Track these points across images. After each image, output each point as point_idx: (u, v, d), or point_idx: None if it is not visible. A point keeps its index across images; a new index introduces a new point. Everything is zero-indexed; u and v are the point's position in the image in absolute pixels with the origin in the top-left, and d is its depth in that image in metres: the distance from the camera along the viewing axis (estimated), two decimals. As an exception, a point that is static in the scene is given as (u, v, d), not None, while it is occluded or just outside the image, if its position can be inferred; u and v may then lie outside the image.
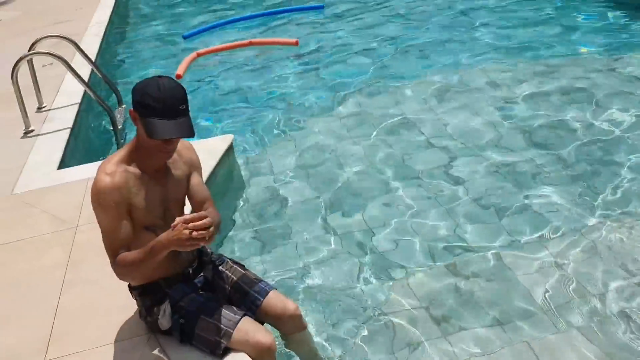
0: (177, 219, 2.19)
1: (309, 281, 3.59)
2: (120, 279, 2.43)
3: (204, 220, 2.18)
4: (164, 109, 2.21)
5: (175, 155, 2.52)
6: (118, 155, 2.40)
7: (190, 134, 2.27)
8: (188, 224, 2.16)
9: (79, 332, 2.78)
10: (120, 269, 2.36)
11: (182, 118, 2.25)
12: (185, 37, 8.29)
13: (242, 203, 4.46)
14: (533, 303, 3.22)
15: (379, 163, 4.77)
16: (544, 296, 3.26)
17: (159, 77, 2.29)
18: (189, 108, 2.30)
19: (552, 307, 3.18)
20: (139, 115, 2.27)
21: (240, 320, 2.48)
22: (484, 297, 3.31)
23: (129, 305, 2.72)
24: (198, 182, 2.70)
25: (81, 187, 4.00)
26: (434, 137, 5.04)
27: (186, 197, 2.65)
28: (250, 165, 4.95)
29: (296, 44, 7.32)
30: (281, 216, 4.26)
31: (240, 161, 4.88)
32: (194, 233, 2.16)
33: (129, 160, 2.38)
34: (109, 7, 9.38)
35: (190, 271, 2.62)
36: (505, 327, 3.10)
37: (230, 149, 4.59)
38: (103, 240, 2.37)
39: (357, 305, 3.36)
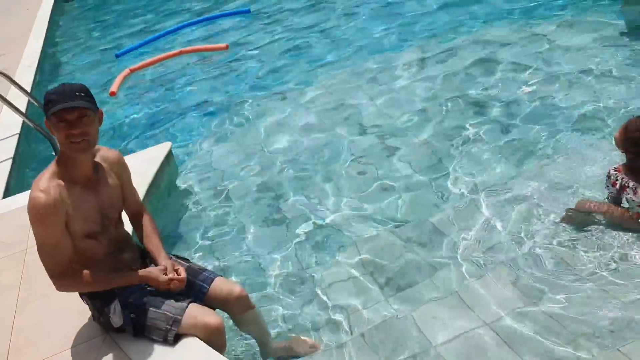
0: (174, 278, 2.64)
1: (258, 265, 3.79)
2: (62, 290, 2.59)
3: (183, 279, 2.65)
4: (61, 96, 2.36)
5: (104, 165, 2.68)
6: (48, 171, 2.53)
7: (85, 104, 2.38)
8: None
9: (36, 344, 2.91)
10: (73, 282, 2.54)
11: (79, 101, 2.37)
12: (118, 56, 8.34)
13: (186, 205, 4.60)
14: (458, 257, 3.49)
15: (315, 152, 4.97)
16: (469, 250, 3.53)
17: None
18: (95, 103, 2.46)
19: (476, 258, 3.45)
20: (47, 117, 2.41)
21: (187, 306, 2.65)
22: (418, 259, 3.56)
23: (83, 312, 2.85)
24: (131, 192, 2.89)
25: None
26: (367, 122, 5.26)
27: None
28: (190, 168, 5.09)
29: (226, 47, 7.48)
30: (225, 212, 4.42)
31: (181, 166, 5.03)
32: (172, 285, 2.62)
33: (59, 173, 2.52)
34: (41, 38, 9.35)
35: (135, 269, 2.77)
36: (436, 281, 3.35)
37: (169, 156, 4.73)
38: (42, 255, 2.49)
39: (305, 281, 3.58)
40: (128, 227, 2.93)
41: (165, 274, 2.65)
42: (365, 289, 3.42)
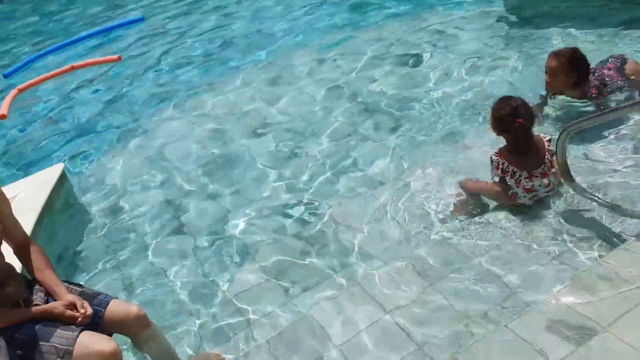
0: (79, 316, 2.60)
1: (162, 279, 3.71)
2: None
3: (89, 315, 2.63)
4: None
5: None
6: None
7: None
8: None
9: None
10: None
11: None
12: (6, 76, 7.92)
13: (85, 224, 4.44)
14: (356, 252, 3.57)
15: (215, 159, 4.92)
16: (366, 244, 3.61)
17: None
18: None
19: (373, 251, 3.54)
20: None
21: (78, 335, 2.55)
22: (319, 259, 3.60)
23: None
24: (12, 223, 2.75)
25: None
26: (266, 126, 5.25)
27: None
28: (88, 186, 4.91)
29: (119, 59, 7.27)
30: (126, 228, 4.31)
31: (77, 185, 4.86)
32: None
33: None
34: None
35: (21, 303, 2.64)
36: (338, 278, 3.41)
37: (62, 177, 4.55)
38: None
39: (211, 291, 3.54)
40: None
41: (70, 308, 2.59)
42: (270, 293, 3.41)
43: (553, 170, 3.37)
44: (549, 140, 3.41)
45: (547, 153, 3.37)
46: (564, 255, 3.09)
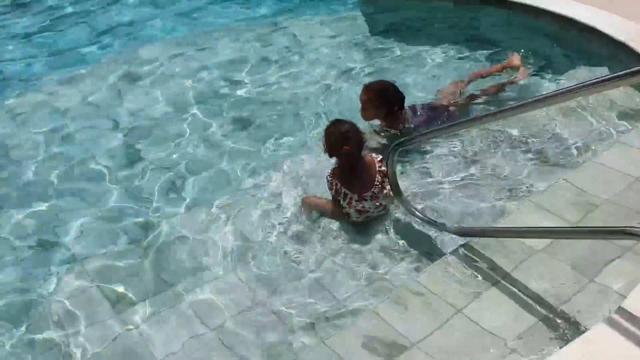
0: None
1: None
2: None
3: None
4: None
5: None
6: None
7: None
8: None
9: None
10: None
11: None
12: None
13: None
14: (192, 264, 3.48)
15: (56, 158, 4.58)
16: (205, 255, 3.53)
17: None
18: None
19: (212, 261, 3.47)
20: None
21: None
22: (153, 270, 3.47)
23: None
24: None
25: None
26: (124, 122, 4.97)
27: None
28: None
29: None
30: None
31: None
32: None
33: None
34: None
35: None
36: (171, 291, 3.29)
37: None
38: None
39: (29, 309, 3.26)
40: None
41: None
42: (96, 307, 3.23)
43: (385, 192, 3.49)
44: (380, 161, 3.52)
45: (378, 174, 3.48)
46: (389, 270, 3.21)
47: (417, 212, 3.35)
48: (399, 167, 3.70)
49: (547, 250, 2.94)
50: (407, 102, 4.17)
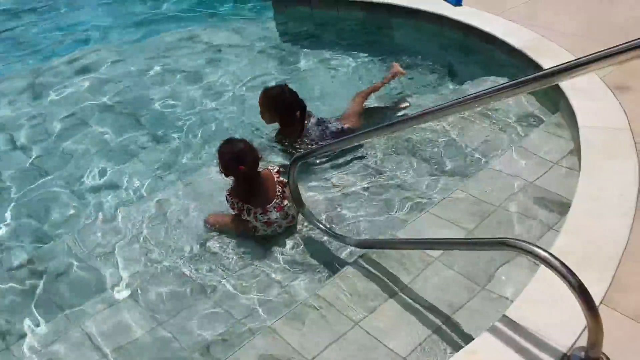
0: None
1: None
2: None
3: None
4: None
5: None
6: None
7: None
8: None
9: None
10: None
11: None
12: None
13: None
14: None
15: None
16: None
17: None
18: None
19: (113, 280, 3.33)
20: None
21: None
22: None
23: None
24: None
25: None
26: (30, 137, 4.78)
27: None
28: None
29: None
30: None
31: None
32: None
33: None
34: None
35: None
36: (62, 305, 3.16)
37: None
38: None
39: None
40: None
41: None
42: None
43: (286, 202, 3.46)
44: (278, 172, 3.49)
45: (278, 185, 3.45)
46: (288, 284, 3.17)
47: (319, 225, 3.33)
48: (301, 176, 3.68)
49: (443, 260, 2.98)
50: (316, 113, 4.19)
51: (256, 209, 3.39)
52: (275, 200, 3.42)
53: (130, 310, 3.11)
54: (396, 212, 3.58)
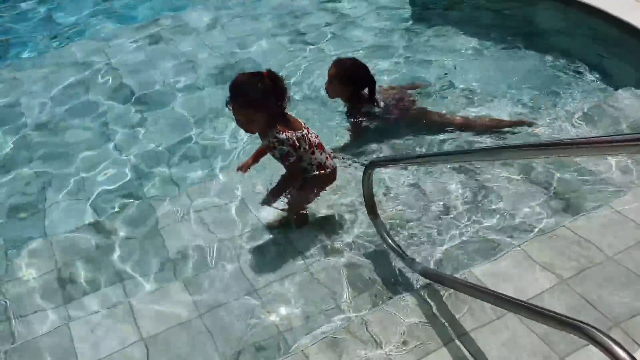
0: None
1: None
2: None
3: None
4: None
5: None
6: None
7: None
8: None
9: None
10: None
11: None
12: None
13: None
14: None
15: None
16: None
17: None
18: None
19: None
20: None
21: None
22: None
23: None
24: None
25: None
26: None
27: None
28: None
29: None
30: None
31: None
32: None
33: None
34: None
35: None
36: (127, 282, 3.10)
37: None
38: None
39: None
40: None
41: None
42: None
43: None
44: None
45: None
46: (340, 294, 2.87)
47: (388, 240, 2.95)
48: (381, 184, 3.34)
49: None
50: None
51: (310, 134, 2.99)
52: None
53: (177, 294, 2.99)
54: (480, 239, 3.07)
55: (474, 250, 3.01)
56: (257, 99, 2.76)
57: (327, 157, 3.06)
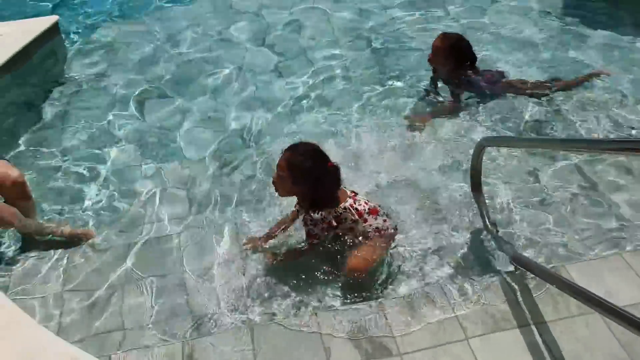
0: None
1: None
2: None
3: None
4: None
5: None
6: None
7: None
8: None
9: None
10: None
11: None
12: None
13: (65, 84, 4.53)
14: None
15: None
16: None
17: None
18: None
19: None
20: None
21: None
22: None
23: None
24: None
25: None
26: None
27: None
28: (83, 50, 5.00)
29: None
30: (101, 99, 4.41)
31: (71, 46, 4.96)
32: None
33: None
34: None
35: None
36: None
37: (53, 31, 4.65)
38: None
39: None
40: None
41: None
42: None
43: None
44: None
45: None
46: (423, 265, 2.95)
47: (486, 220, 2.98)
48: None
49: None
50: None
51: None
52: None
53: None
54: (583, 237, 3.00)
55: (572, 247, 2.95)
56: (309, 185, 2.66)
57: (384, 220, 2.83)
